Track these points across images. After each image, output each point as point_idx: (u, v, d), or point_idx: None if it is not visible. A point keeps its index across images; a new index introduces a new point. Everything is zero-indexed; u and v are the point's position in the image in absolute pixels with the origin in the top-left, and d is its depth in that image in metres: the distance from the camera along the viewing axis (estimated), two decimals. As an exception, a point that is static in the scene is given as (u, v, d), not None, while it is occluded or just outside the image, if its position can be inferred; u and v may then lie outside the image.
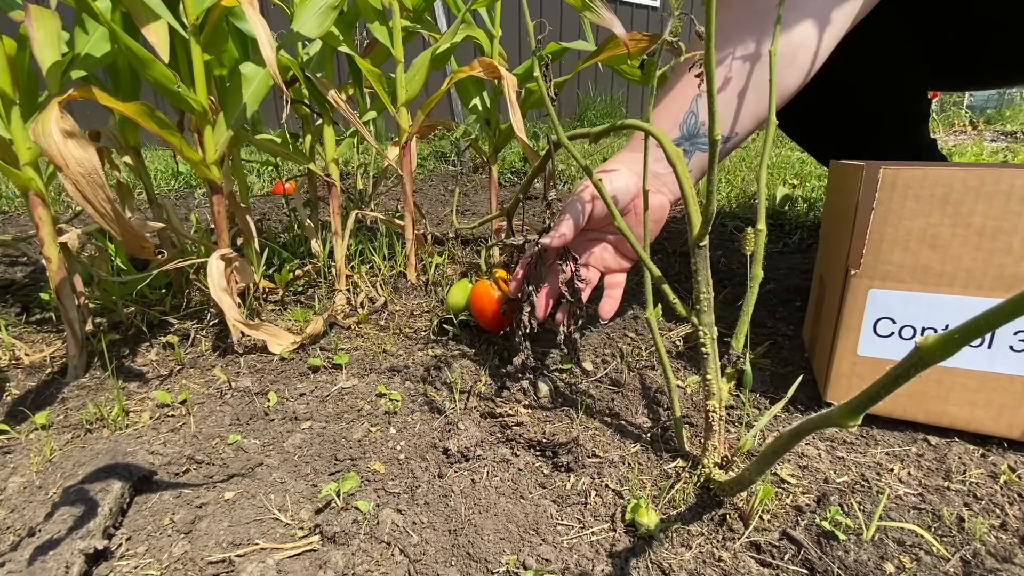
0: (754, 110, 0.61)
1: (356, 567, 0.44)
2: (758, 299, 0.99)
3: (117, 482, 0.49)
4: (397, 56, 0.91)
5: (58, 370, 0.77)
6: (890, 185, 0.54)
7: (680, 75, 0.64)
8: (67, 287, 0.73)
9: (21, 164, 0.69)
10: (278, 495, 0.53)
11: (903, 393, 0.59)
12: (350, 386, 0.72)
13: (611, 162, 0.66)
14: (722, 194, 1.77)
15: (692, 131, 0.62)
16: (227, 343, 0.81)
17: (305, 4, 0.78)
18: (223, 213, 0.77)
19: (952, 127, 4.37)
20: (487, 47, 1.02)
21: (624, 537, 0.47)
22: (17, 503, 0.54)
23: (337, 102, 0.87)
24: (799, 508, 0.50)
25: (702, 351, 0.51)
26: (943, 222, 0.53)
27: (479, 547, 0.45)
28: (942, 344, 0.24)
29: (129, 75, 0.78)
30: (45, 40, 0.60)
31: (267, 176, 2.21)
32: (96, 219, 0.58)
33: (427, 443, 0.61)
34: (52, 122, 0.52)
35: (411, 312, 0.94)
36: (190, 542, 0.47)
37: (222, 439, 0.62)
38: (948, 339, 0.23)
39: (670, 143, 0.50)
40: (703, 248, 0.49)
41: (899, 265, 0.56)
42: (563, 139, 0.53)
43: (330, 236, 0.98)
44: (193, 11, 0.67)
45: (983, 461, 0.56)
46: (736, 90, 0.59)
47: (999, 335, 0.54)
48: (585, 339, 0.83)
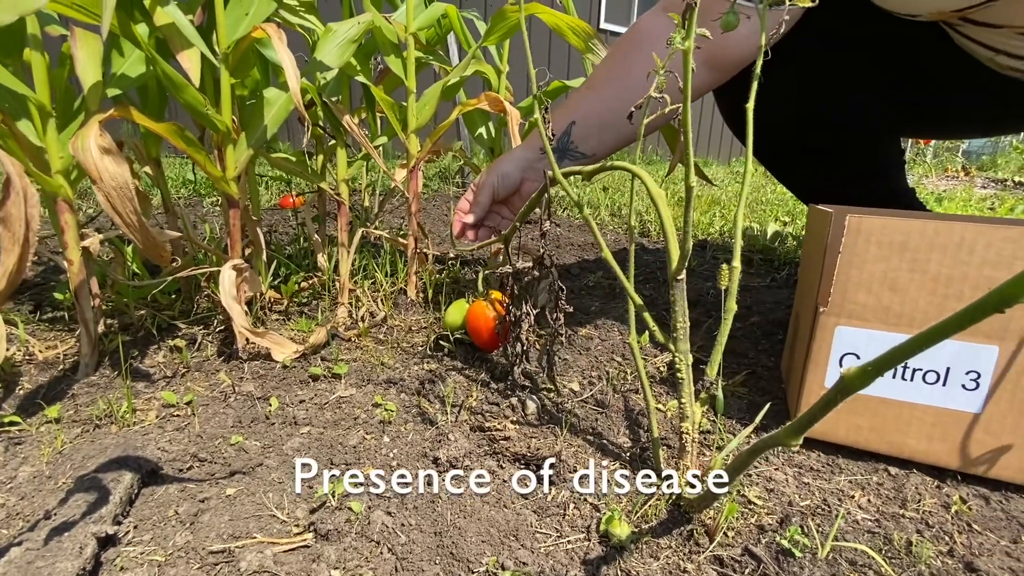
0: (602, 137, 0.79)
1: (347, 562, 0.48)
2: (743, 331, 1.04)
3: (128, 473, 0.53)
4: (410, 86, 0.97)
5: (69, 367, 0.81)
6: (855, 231, 0.59)
7: (564, 106, 0.81)
8: (85, 288, 0.77)
9: (52, 172, 0.73)
10: (276, 494, 0.57)
11: (867, 426, 0.63)
12: (348, 395, 0.76)
13: (506, 155, 0.82)
14: (715, 228, 1.83)
15: (564, 147, 0.79)
16: (232, 349, 0.85)
17: (328, 36, 0.84)
18: (238, 226, 0.82)
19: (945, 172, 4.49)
20: (495, 82, 1.08)
21: (597, 546, 0.51)
22: (26, 491, 0.57)
23: (351, 127, 0.93)
24: (762, 527, 0.53)
25: (677, 376, 0.56)
26: (902, 267, 0.58)
27: (462, 548, 0.48)
28: (860, 375, 0.28)
29: (157, 95, 0.84)
30: (88, 61, 0.65)
31: (275, 189, 2.27)
32: (122, 228, 0.62)
33: (418, 452, 0.64)
34: (92, 138, 0.57)
35: (409, 327, 0.98)
36: (192, 533, 0.50)
37: (225, 439, 0.65)
38: (864, 371, 0.28)
39: (654, 184, 0.55)
40: (680, 281, 0.54)
41: (863, 305, 0.60)
42: (558, 175, 0.58)
43: (336, 251, 1.03)
44: (225, 40, 0.72)
45: (938, 492, 0.60)
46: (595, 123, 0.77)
47: (953, 374, 0.59)
48: (574, 361, 0.87)
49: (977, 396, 0.58)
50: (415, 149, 1.01)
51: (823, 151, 0.96)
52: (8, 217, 0.54)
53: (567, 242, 1.71)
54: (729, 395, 0.78)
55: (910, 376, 0.60)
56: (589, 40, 0.98)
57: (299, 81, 0.68)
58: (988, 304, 0.23)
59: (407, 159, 1.02)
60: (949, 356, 0.58)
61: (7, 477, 0.59)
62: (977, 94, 0.88)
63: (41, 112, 0.71)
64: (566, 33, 0.98)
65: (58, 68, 0.76)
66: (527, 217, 0.72)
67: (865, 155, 0.96)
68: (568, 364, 0.87)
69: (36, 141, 0.72)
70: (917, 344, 0.25)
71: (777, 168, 1.07)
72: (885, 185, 1.00)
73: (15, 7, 0.45)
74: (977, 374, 0.58)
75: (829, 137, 0.94)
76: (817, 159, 0.98)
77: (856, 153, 0.95)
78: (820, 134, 0.94)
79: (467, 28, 1.14)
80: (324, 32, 0.82)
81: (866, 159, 0.96)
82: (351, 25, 0.82)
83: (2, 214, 0.54)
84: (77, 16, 0.65)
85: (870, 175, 0.98)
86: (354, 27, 0.82)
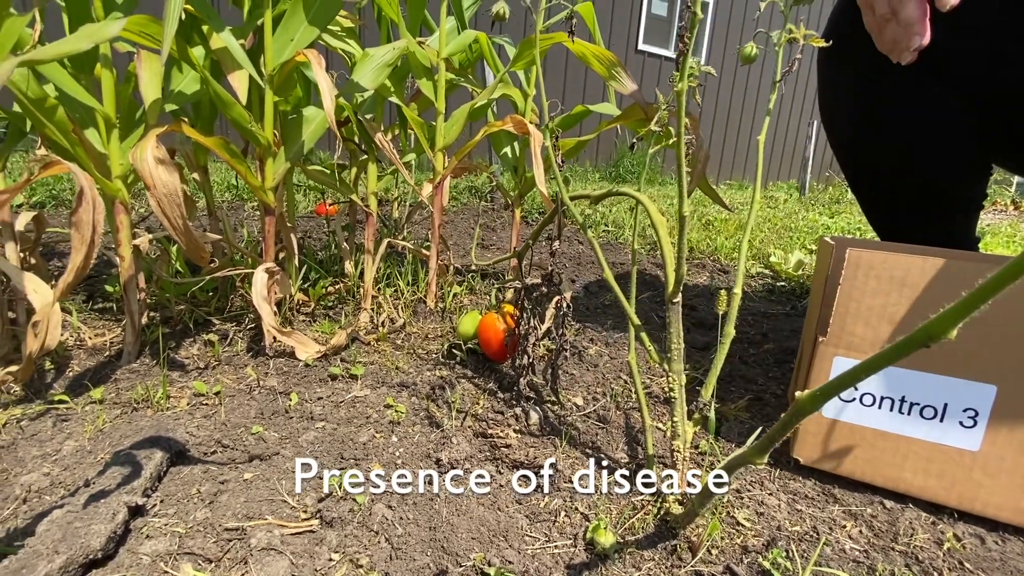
0: None
1: (347, 547, 0.51)
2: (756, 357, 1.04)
3: (159, 452, 0.58)
4: (439, 107, 1.03)
5: (114, 354, 0.88)
6: (855, 264, 0.61)
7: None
8: (133, 283, 0.85)
9: (112, 177, 0.81)
10: (288, 482, 0.61)
11: (863, 458, 0.64)
12: (363, 395, 0.80)
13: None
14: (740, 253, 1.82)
15: None
16: (260, 346, 0.91)
17: (365, 60, 0.90)
18: (272, 232, 0.88)
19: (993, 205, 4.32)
20: (521, 104, 1.13)
21: (583, 553, 0.53)
22: (69, 463, 0.63)
23: (383, 144, 0.99)
24: (746, 548, 0.55)
25: (671, 396, 0.58)
26: (900, 302, 0.59)
27: (453, 543, 0.51)
28: (811, 399, 0.30)
29: (209, 109, 0.91)
30: (150, 80, 0.73)
31: (312, 196, 2.37)
32: (169, 230, 0.69)
33: (423, 452, 0.68)
34: (149, 150, 0.63)
35: (426, 335, 1.03)
36: (211, 510, 0.55)
37: (247, 428, 0.70)
38: (814, 395, 0.30)
39: (656, 211, 0.58)
40: (676, 304, 0.57)
41: (861, 337, 0.61)
42: (566, 199, 0.62)
43: (362, 258, 1.09)
44: (271, 63, 0.79)
45: (932, 528, 0.60)
46: None
47: (950, 411, 0.59)
48: (581, 376, 0.90)
49: (975, 434, 0.58)
50: (441, 166, 1.06)
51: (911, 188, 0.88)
52: (79, 222, 0.62)
53: (588, 260, 1.74)
54: (732, 419, 0.79)
55: (907, 410, 0.61)
56: (612, 68, 1.02)
57: (334, 102, 0.74)
58: (915, 340, 0.25)
59: (434, 175, 1.07)
60: (947, 393, 0.59)
61: (53, 450, 0.65)
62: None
63: (107, 123, 0.79)
64: (591, 61, 1.02)
65: (124, 84, 0.84)
66: (538, 236, 0.76)
67: (956, 197, 0.89)
68: (575, 379, 0.89)
69: (100, 148, 0.80)
70: (856, 374, 0.28)
71: (868, 199, 0.98)
72: (964, 228, 0.93)
73: (92, 36, 0.52)
74: (975, 412, 0.58)
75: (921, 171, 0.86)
76: (903, 194, 0.89)
77: (949, 194, 0.88)
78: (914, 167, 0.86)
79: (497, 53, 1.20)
80: (361, 56, 0.89)
81: (956, 200, 0.89)
82: (386, 51, 0.88)
83: (75, 219, 0.62)
84: (143, 42, 0.72)
85: (953, 216, 0.91)
86: (389, 52, 0.88)
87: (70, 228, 0.63)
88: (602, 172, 5.03)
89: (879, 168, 0.89)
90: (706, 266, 1.72)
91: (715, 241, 1.95)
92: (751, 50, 0.61)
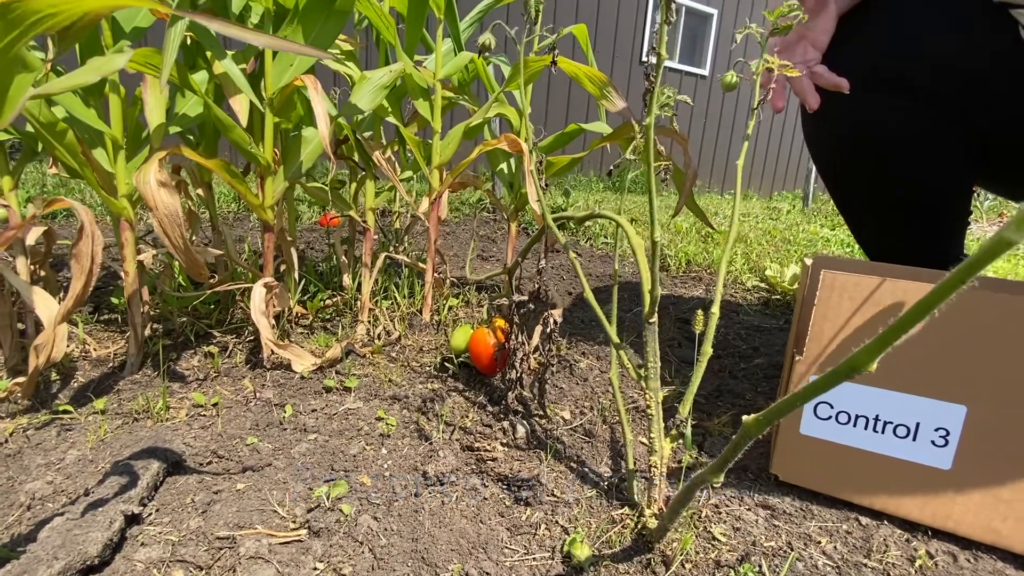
0: None
1: (331, 557, 0.53)
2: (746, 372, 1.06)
3: (156, 462, 0.61)
4: (435, 127, 1.06)
5: (118, 365, 0.91)
6: (829, 286, 0.62)
7: None
8: (137, 296, 0.88)
9: (118, 195, 0.85)
10: (279, 492, 0.63)
11: (839, 475, 0.65)
12: (355, 408, 0.83)
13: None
14: (736, 266, 1.84)
15: None
16: (258, 358, 0.94)
17: (363, 82, 0.94)
18: (271, 248, 0.91)
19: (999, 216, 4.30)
20: (516, 122, 1.16)
21: (560, 566, 0.55)
22: (72, 472, 0.66)
23: (380, 162, 1.02)
24: (719, 562, 0.56)
25: (648, 412, 0.60)
26: (874, 322, 0.61)
27: (432, 554, 0.53)
28: (755, 423, 0.32)
29: (213, 130, 0.95)
30: (155, 105, 0.76)
31: (317, 208, 2.42)
32: (169, 248, 0.72)
33: (410, 465, 0.70)
34: (152, 173, 0.67)
35: (420, 348, 1.05)
36: (204, 519, 0.57)
37: (242, 440, 0.73)
38: (758, 419, 0.32)
39: (635, 234, 0.60)
40: (652, 324, 0.58)
41: (835, 356, 0.63)
42: (548, 221, 0.64)
43: (360, 271, 1.12)
44: (271, 88, 0.83)
45: (905, 545, 0.61)
46: None
47: (922, 430, 0.60)
48: (570, 391, 0.92)
49: (946, 453, 0.60)
50: (437, 183, 1.09)
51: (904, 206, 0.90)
52: (79, 254, 0.66)
53: (586, 272, 1.76)
54: (716, 434, 0.81)
55: (881, 428, 0.62)
56: (604, 88, 1.05)
57: (329, 128, 0.77)
58: (840, 372, 0.27)
59: (430, 191, 1.10)
60: (919, 412, 0.60)
61: (57, 459, 0.68)
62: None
63: (114, 144, 0.83)
64: (583, 81, 1.05)
65: (131, 107, 0.88)
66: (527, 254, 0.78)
67: (941, 211, 0.89)
68: (564, 392, 0.91)
69: (108, 167, 0.84)
70: (792, 401, 0.30)
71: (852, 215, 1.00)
72: (949, 244, 0.93)
73: (99, 69, 0.56)
74: (946, 431, 0.59)
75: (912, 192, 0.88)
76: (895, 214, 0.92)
77: (933, 208, 0.88)
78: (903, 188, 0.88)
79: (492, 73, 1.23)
80: (359, 79, 0.92)
81: (941, 215, 0.89)
82: (383, 73, 0.92)
83: (75, 251, 0.66)
84: (148, 72, 0.76)
85: (937, 232, 0.91)
86: (386, 75, 0.91)
87: (71, 260, 0.66)
88: (606, 182, 5.06)
89: (861, 189, 0.91)
90: (702, 279, 1.74)
91: (711, 254, 1.96)
92: (731, 78, 0.63)
